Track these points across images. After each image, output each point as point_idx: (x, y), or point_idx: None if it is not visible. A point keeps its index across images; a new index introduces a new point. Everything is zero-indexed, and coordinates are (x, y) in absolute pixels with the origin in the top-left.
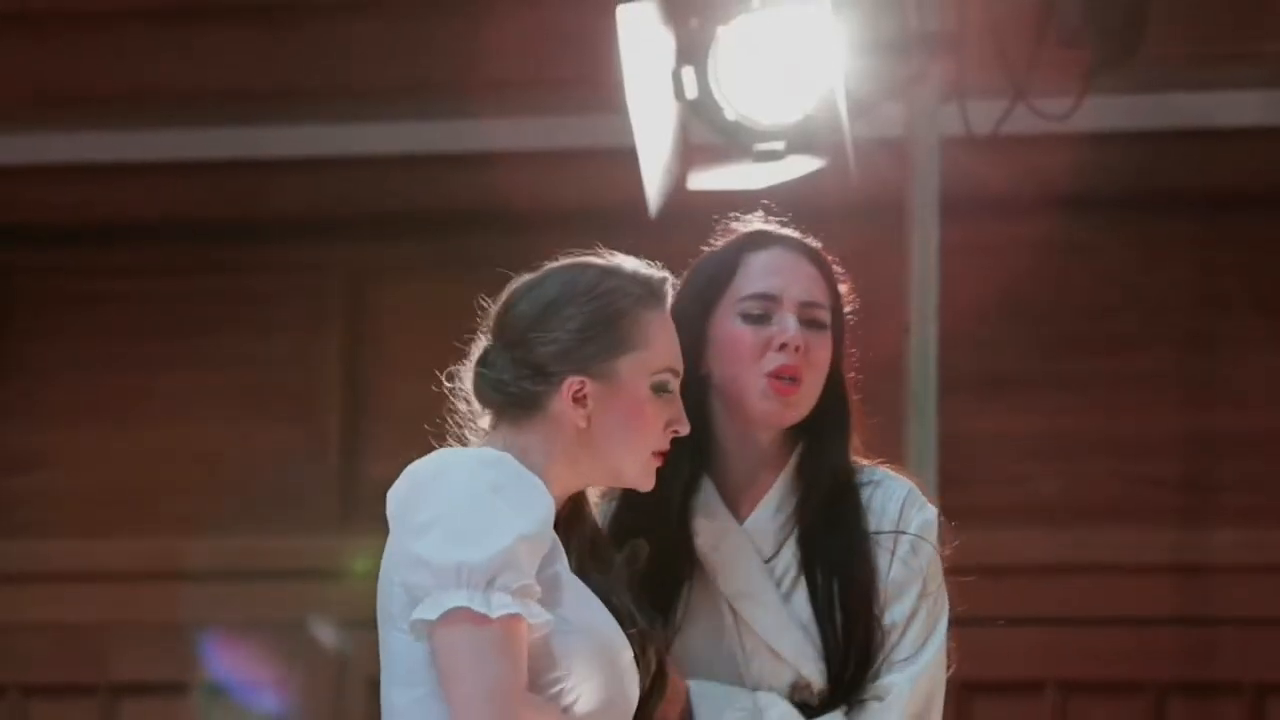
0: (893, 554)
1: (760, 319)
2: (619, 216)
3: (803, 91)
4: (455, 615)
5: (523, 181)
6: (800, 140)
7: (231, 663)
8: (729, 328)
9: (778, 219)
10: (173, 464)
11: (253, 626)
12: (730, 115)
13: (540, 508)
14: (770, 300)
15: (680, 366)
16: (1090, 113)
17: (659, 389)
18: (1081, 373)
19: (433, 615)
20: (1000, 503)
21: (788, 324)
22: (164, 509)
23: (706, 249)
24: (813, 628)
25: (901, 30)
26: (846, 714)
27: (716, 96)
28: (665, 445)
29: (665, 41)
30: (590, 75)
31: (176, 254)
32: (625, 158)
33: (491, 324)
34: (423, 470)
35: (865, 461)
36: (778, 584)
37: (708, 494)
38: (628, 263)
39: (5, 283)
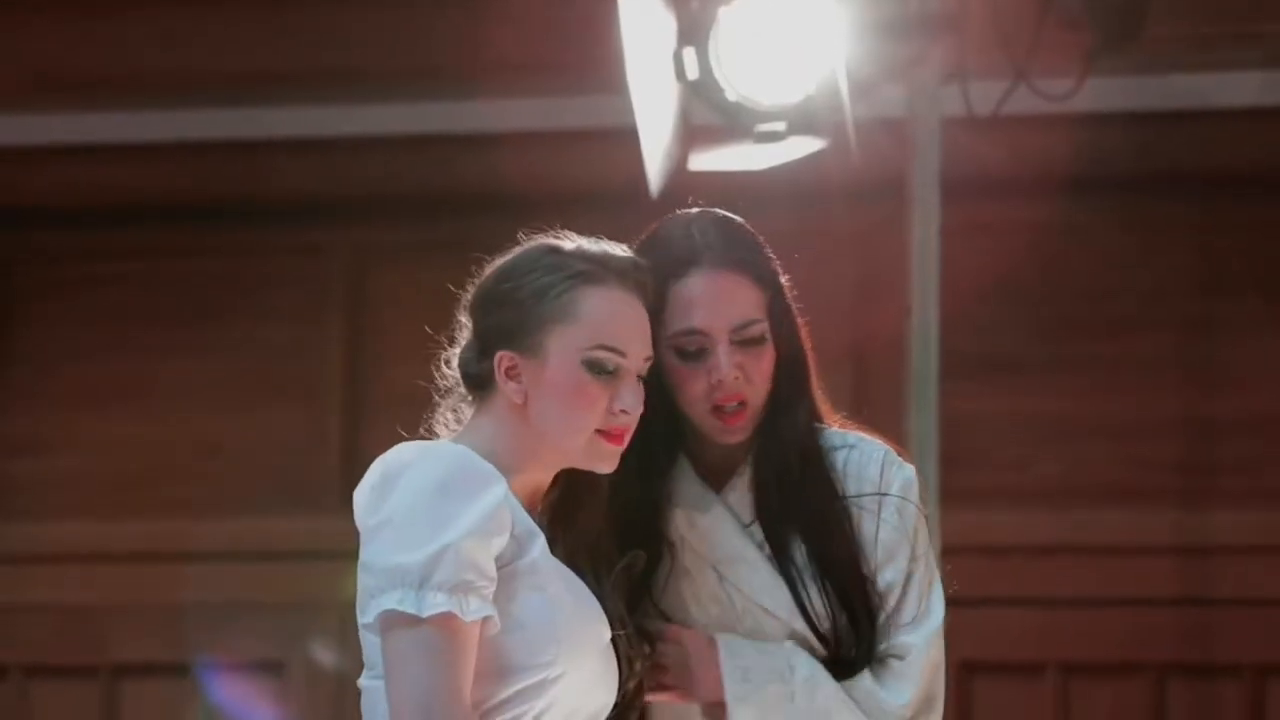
0: (878, 516)
1: (694, 355)
2: (621, 197)
3: (804, 72)
4: (389, 617)
5: (524, 163)
6: (801, 121)
7: (232, 646)
8: (666, 361)
9: (702, 204)
10: (175, 447)
11: (254, 610)
12: (731, 96)
13: (489, 501)
14: (701, 335)
15: (629, 348)
16: (1091, 94)
17: (593, 367)
18: (1081, 355)
19: (369, 618)
20: (1000, 485)
21: (720, 360)
22: (166, 493)
23: (645, 240)
24: (798, 585)
25: (902, 11)
26: (872, 674)
27: (718, 77)
28: (614, 425)
29: (666, 22)
30: (592, 56)
31: (178, 237)
32: (627, 139)
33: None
34: (378, 472)
35: (837, 425)
36: (760, 547)
37: (683, 470)
38: (588, 243)
39: (6, 267)
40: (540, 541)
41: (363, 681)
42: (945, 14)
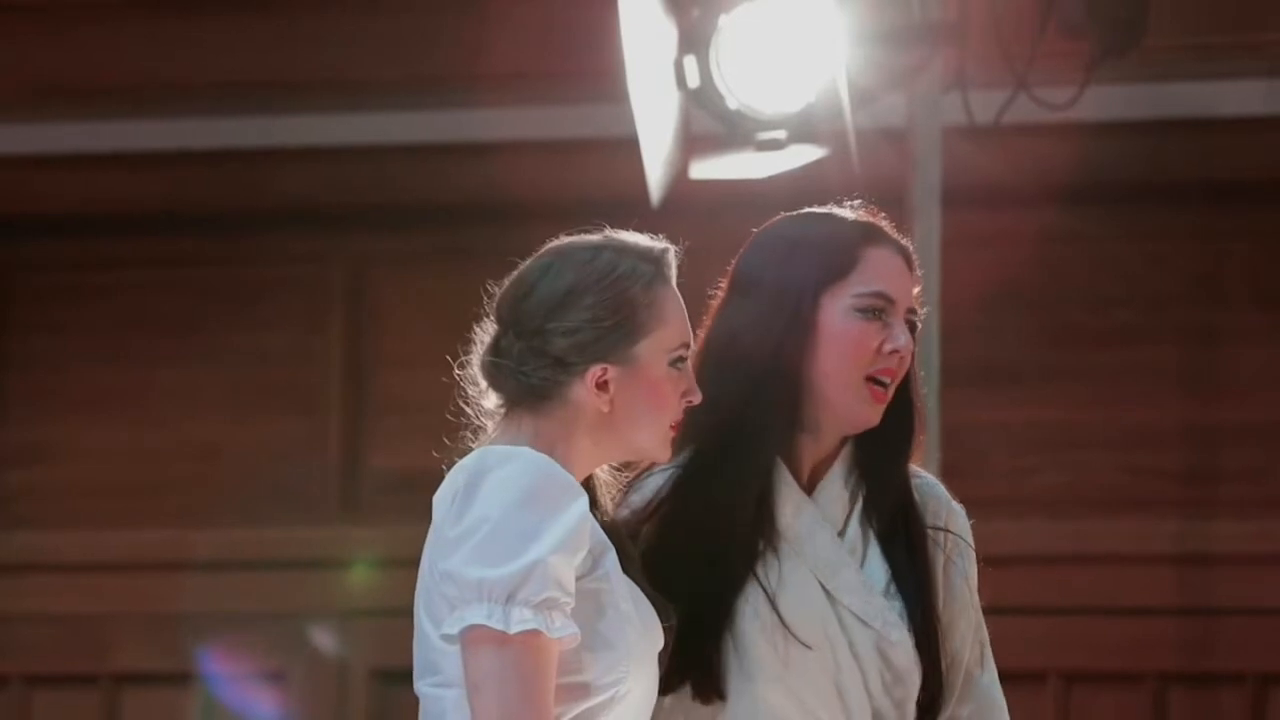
0: (944, 550)
1: (877, 315)
2: (621, 206)
3: (804, 81)
4: (475, 632)
5: (524, 172)
6: (802, 130)
7: (232, 655)
8: (841, 320)
9: (881, 215)
10: (174, 456)
11: (254, 618)
12: (732, 104)
13: (574, 515)
14: (889, 301)
15: (690, 338)
16: (1092, 103)
17: (675, 364)
18: (1082, 364)
19: (454, 630)
20: (1001, 494)
21: (900, 331)
22: (166, 501)
23: (805, 219)
24: (891, 593)
25: (904, 20)
26: None
27: (718, 86)
28: (680, 416)
29: (667, 31)
30: (592, 65)
31: (177, 246)
32: (627, 147)
33: (503, 311)
34: (461, 480)
35: None
36: (851, 554)
37: (780, 470)
38: (631, 239)
39: (5, 275)
40: (612, 555)
41: (424, 689)
42: (946, 23)
